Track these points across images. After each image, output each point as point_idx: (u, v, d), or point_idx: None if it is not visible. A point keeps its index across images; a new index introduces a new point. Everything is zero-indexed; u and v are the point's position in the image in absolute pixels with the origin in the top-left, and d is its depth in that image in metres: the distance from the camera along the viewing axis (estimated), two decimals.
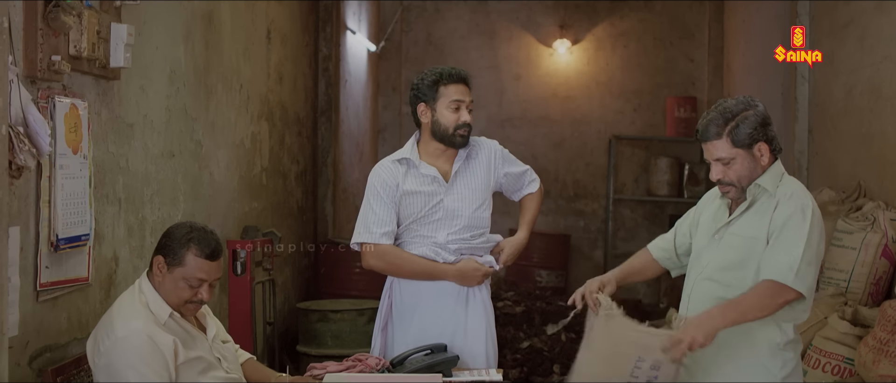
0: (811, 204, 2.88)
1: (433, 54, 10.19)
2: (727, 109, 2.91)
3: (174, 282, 2.93)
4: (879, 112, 4.84)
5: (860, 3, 5.14)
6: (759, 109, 2.92)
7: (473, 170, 3.68)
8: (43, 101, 3.04)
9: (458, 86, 3.58)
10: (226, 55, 5.10)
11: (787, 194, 2.88)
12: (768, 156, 2.92)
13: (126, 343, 2.81)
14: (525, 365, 6.96)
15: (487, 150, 3.74)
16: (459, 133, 3.58)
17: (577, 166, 10.18)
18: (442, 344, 3.44)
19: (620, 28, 10.03)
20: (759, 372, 2.92)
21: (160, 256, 2.94)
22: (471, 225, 3.63)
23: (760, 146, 2.90)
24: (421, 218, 3.59)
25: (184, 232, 2.96)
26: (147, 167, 4.01)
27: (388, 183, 3.58)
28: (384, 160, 3.69)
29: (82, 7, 3.19)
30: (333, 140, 7.58)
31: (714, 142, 2.91)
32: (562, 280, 9.73)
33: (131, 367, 2.79)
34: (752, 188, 2.93)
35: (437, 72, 3.61)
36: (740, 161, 2.90)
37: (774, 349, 2.92)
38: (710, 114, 2.94)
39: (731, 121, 2.89)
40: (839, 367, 4.09)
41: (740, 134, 2.88)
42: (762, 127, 2.90)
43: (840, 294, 4.44)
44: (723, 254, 2.97)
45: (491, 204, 3.75)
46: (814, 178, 5.96)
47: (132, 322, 2.85)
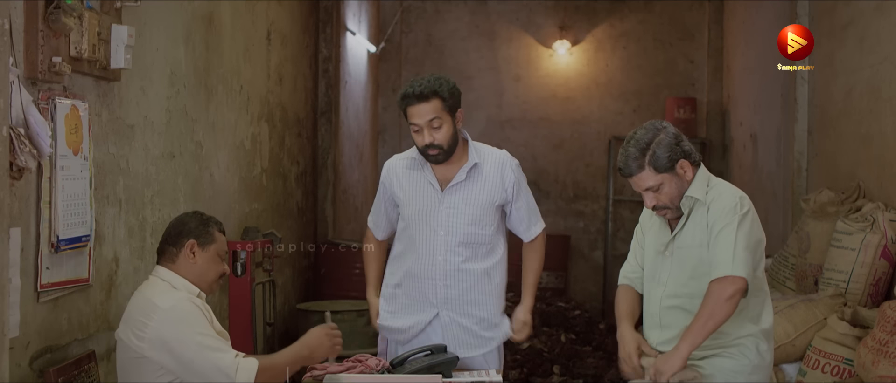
0: (738, 200, 3.04)
1: (433, 55, 10.20)
2: (640, 140, 3.06)
3: (209, 260, 3.05)
4: (879, 113, 4.84)
5: (860, 4, 5.14)
6: (669, 131, 3.08)
7: (476, 183, 3.51)
8: (44, 103, 3.05)
9: (415, 107, 3.37)
10: (226, 56, 5.11)
11: (716, 197, 3.06)
12: (691, 170, 3.09)
13: (175, 311, 2.88)
14: (525, 366, 6.97)
15: (498, 165, 3.54)
16: (429, 154, 3.45)
17: (577, 167, 10.19)
18: (442, 345, 3.44)
19: (620, 29, 10.04)
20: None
21: (191, 240, 3.02)
22: (467, 242, 3.51)
23: (681, 164, 3.07)
24: (415, 225, 3.54)
25: (195, 216, 3.10)
26: (147, 168, 4.01)
27: (385, 180, 3.67)
28: (398, 156, 3.70)
29: (83, 8, 3.19)
30: (333, 141, 7.59)
31: (638, 174, 3.08)
32: (561, 281, 9.74)
33: (188, 327, 2.86)
34: (686, 201, 3.09)
35: (401, 92, 3.44)
36: (668, 184, 3.07)
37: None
38: (627, 150, 3.09)
39: (648, 151, 3.04)
40: (838, 368, 4.09)
41: (660, 159, 3.04)
42: (677, 146, 3.06)
43: (839, 294, 4.44)
44: (680, 268, 3.13)
45: (495, 222, 3.57)
46: (813, 179, 5.96)
47: (171, 294, 2.93)
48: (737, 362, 3.09)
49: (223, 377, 2.83)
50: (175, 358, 2.84)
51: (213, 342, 2.87)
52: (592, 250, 10.20)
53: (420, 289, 3.57)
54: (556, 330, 7.83)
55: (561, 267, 9.79)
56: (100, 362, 3.51)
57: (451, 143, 3.43)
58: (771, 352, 3.18)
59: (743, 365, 3.09)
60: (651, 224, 3.28)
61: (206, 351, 2.84)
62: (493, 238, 3.58)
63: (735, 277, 2.94)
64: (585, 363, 7.03)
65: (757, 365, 3.11)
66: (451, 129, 3.42)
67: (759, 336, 3.12)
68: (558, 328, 7.93)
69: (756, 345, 3.11)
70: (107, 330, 3.62)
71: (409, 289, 3.60)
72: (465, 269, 3.53)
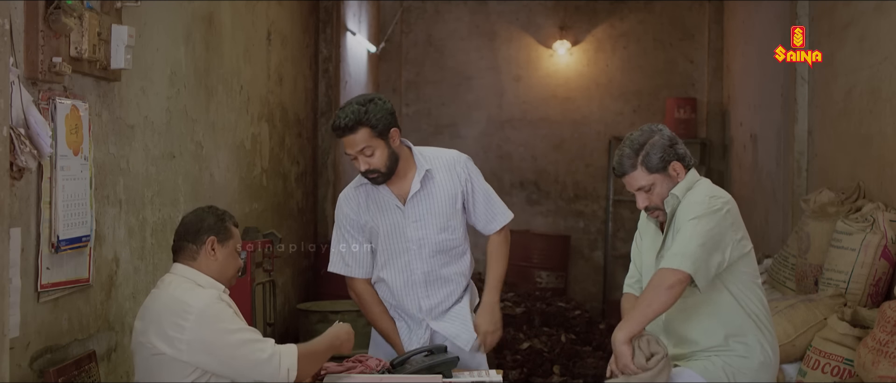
0: (707, 198, 3.03)
1: (433, 55, 10.20)
2: (635, 141, 3.11)
3: (229, 254, 3.04)
4: (879, 113, 4.84)
5: (860, 4, 5.14)
6: (665, 133, 3.11)
7: (432, 190, 3.49)
8: (44, 103, 3.05)
9: (345, 139, 3.34)
10: (226, 56, 5.11)
11: (689, 196, 3.06)
12: (683, 173, 3.11)
13: (210, 310, 2.84)
14: (525, 366, 6.97)
15: (449, 165, 3.53)
16: (370, 177, 3.42)
17: (577, 167, 10.19)
18: (442, 345, 3.44)
19: (620, 29, 10.04)
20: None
21: (212, 236, 2.99)
22: (440, 249, 3.51)
23: (674, 165, 3.09)
24: (387, 244, 3.52)
25: (210, 211, 3.07)
26: (147, 168, 4.01)
27: (350, 216, 3.55)
28: (347, 188, 3.60)
29: (83, 9, 3.19)
30: (333, 141, 7.59)
31: (631, 174, 3.11)
32: (561, 281, 9.74)
33: (225, 325, 2.85)
34: (669, 199, 3.10)
35: (331, 122, 3.40)
36: (659, 184, 3.10)
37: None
38: (622, 150, 3.13)
39: (641, 151, 3.08)
40: (838, 368, 4.09)
41: (652, 160, 3.08)
42: (671, 148, 3.10)
43: (839, 295, 4.44)
44: None
45: (463, 225, 3.56)
46: (813, 179, 5.96)
47: (200, 293, 2.90)
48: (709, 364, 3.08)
49: (267, 367, 2.85)
50: (215, 358, 2.82)
51: (250, 335, 2.88)
52: (592, 250, 10.21)
53: (402, 306, 3.58)
54: (556, 330, 7.84)
55: (561, 267, 9.79)
56: (100, 362, 3.51)
57: (389, 165, 3.39)
58: (768, 352, 3.15)
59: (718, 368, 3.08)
60: (647, 229, 3.30)
61: (247, 345, 2.85)
62: (462, 242, 3.59)
63: (677, 270, 2.93)
64: (585, 363, 7.04)
65: (738, 369, 3.09)
66: (385, 152, 3.37)
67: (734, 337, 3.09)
68: (558, 328, 7.94)
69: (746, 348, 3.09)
70: (107, 331, 3.62)
71: (393, 309, 3.62)
72: (443, 276, 3.55)
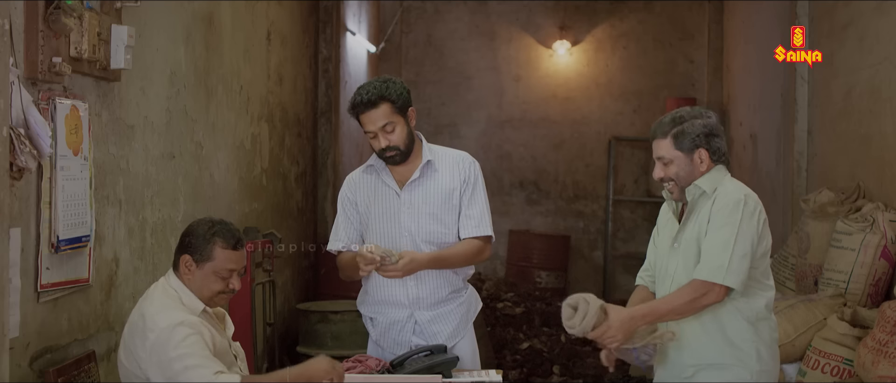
0: (744, 198, 2.98)
1: (433, 55, 10.20)
2: (679, 115, 3.10)
3: (204, 277, 2.98)
4: (879, 113, 4.84)
5: (860, 4, 5.15)
6: (711, 121, 3.09)
7: (431, 179, 3.49)
8: (44, 103, 3.05)
9: (366, 115, 3.37)
10: (226, 57, 5.11)
11: (723, 192, 3.02)
12: (708, 163, 3.07)
13: (174, 332, 2.82)
14: (525, 366, 6.98)
15: (454, 162, 3.52)
16: (388, 156, 3.44)
17: (577, 167, 10.19)
18: (442, 345, 3.44)
19: (620, 29, 10.04)
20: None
21: (187, 255, 2.98)
22: (431, 240, 3.46)
23: (700, 152, 3.05)
24: (379, 229, 3.51)
25: (206, 228, 3.01)
26: (147, 168, 4.01)
27: (348, 195, 3.60)
28: (354, 171, 3.66)
29: (83, 9, 3.19)
30: (333, 141, 7.59)
31: (659, 140, 3.09)
32: (561, 281, 9.74)
33: (186, 352, 2.80)
34: (692, 189, 3.06)
35: (351, 101, 3.41)
36: (678, 163, 3.06)
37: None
38: (665, 117, 3.11)
39: (678, 125, 3.06)
40: (838, 368, 4.09)
41: (683, 138, 3.05)
42: (706, 136, 3.06)
43: (839, 295, 4.44)
44: (684, 262, 3.07)
45: (457, 222, 3.51)
46: (813, 179, 5.97)
47: (173, 313, 2.88)
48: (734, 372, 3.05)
49: None
50: (166, 378, 2.81)
51: (192, 361, 2.80)
52: (592, 250, 10.21)
53: (390, 291, 3.53)
54: (556, 330, 7.83)
55: (561, 267, 9.79)
56: (100, 362, 3.51)
57: (407, 143, 3.43)
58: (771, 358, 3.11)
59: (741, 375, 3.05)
60: (665, 220, 3.26)
61: (188, 372, 2.78)
62: (456, 240, 3.52)
63: (722, 288, 2.91)
64: (585, 363, 7.04)
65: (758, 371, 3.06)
66: (405, 130, 3.41)
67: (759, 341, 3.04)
68: (558, 328, 7.93)
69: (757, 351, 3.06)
70: (107, 331, 3.63)
71: (379, 293, 3.56)
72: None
